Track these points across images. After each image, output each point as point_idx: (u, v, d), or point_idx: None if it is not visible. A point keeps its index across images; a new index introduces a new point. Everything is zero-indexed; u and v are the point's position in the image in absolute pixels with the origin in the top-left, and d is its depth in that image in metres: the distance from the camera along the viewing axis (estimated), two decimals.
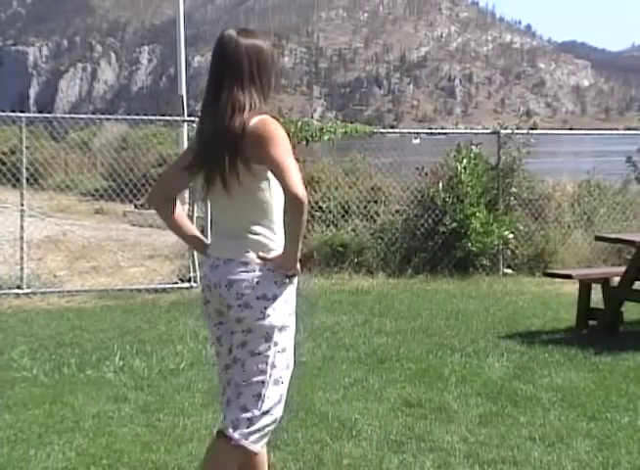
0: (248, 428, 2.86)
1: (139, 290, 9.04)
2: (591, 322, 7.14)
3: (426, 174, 11.08)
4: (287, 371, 2.95)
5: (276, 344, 2.90)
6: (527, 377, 5.60)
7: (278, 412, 2.93)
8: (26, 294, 8.90)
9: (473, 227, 10.25)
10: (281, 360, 2.91)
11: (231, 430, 2.86)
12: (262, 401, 2.87)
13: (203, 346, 6.30)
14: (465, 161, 10.58)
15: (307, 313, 7.97)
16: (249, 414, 2.87)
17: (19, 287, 8.99)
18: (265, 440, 2.95)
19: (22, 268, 9.05)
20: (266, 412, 2.88)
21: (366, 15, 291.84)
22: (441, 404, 4.96)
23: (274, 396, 2.89)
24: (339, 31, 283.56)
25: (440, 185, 10.62)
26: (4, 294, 8.83)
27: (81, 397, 5.14)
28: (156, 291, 9.14)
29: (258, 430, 2.88)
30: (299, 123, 10.58)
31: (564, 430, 4.50)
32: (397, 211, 10.92)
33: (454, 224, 10.39)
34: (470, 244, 10.26)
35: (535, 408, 4.90)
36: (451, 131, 23.63)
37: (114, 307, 8.29)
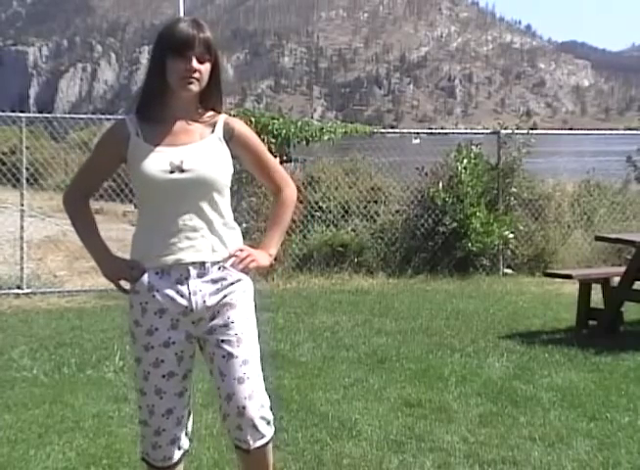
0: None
1: None
2: (591, 322, 7.14)
3: (426, 174, 11.09)
4: (145, 382, 2.88)
5: (132, 355, 2.94)
6: (527, 377, 5.60)
7: (155, 422, 2.91)
8: (26, 294, 8.91)
9: (473, 227, 10.26)
10: (137, 371, 2.90)
11: None
12: (139, 411, 2.96)
13: None
14: (465, 161, 10.59)
15: (307, 313, 7.98)
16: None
17: (19, 287, 8.99)
18: (148, 447, 2.97)
19: (22, 268, 9.06)
20: (141, 422, 2.95)
21: (366, 15, 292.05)
22: (441, 404, 4.96)
23: (141, 406, 2.93)
24: (339, 31, 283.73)
25: (440, 185, 10.62)
26: (4, 294, 8.83)
27: (81, 397, 5.14)
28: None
29: (142, 437, 2.98)
30: (299, 123, 10.58)
31: (564, 430, 4.50)
32: (397, 211, 10.92)
33: (454, 224, 10.40)
34: (470, 244, 10.26)
35: (535, 408, 4.90)
36: (451, 131, 23.67)
37: (114, 307, 8.29)
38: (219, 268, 2.81)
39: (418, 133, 15.19)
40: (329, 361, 6.00)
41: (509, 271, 10.62)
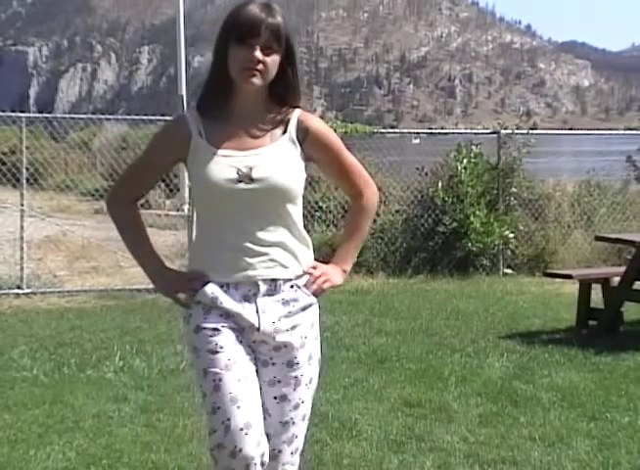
0: None
1: (139, 290, 9.03)
2: (591, 322, 7.14)
3: (426, 174, 11.09)
4: (217, 394, 2.43)
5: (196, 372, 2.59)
6: (527, 377, 5.60)
7: (230, 440, 2.42)
8: (26, 294, 8.90)
9: (473, 227, 10.26)
10: (205, 385, 2.50)
11: None
12: (209, 438, 2.51)
13: None
14: (465, 160, 10.59)
15: None
16: None
17: (19, 287, 8.99)
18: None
19: (22, 268, 9.06)
20: (213, 448, 2.47)
21: (366, 15, 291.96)
22: (441, 404, 4.96)
23: (215, 427, 2.46)
24: (339, 31, 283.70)
25: (440, 185, 10.62)
26: (4, 294, 8.83)
27: (81, 397, 5.14)
28: (156, 291, 9.12)
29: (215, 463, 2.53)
30: None
31: (564, 430, 4.50)
32: (397, 211, 10.92)
33: (454, 224, 10.40)
34: (470, 244, 10.26)
35: (535, 408, 4.90)
36: (451, 131, 23.65)
37: (114, 307, 8.29)
38: (291, 286, 2.51)
39: (418, 133, 15.21)
40: (329, 361, 5.98)
41: (509, 271, 10.61)
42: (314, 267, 2.57)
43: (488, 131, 11.73)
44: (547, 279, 9.06)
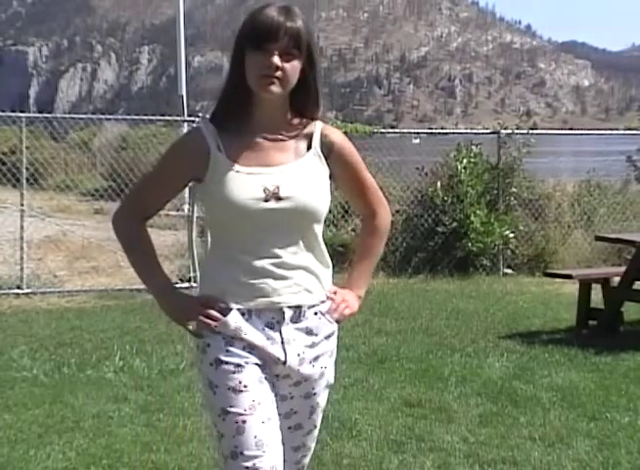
0: None
1: (139, 290, 9.02)
2: (591, 322, 7.14)
3: (426, 174, 11.10)
4: (240, 438, 2.23)
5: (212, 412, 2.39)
6: (527, 377, 5.60)
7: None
8: (26, 294, 8.91)
9: (473, 227, 10.26)
10: (225, 429, 2.29)
11: None
12: None
13: None
14: (465, 160, 10.59)
15: None
16: None
17: (19, 287, 8.99)
18: None
19: (22, 268, 9.06)
20: None
21: (366, 15, 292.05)
22: (441, 404, 4.96)
23: None
24: (339, 31, 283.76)
25: (439, 184, 10.62)
26: (4, 294, 8.83)
27: (81, 397, 5.14)
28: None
29: None
30: None
31: (564, 430, 4.50)
32: (397, 211, 10.91)
33: (454, 224, 10.40)
34: (470, 244, 10.26)
35: (535, 408, 4.90)
36: (451, 131, 23.63)
37: (114, 307, 8.29)
38: (315, 313, 2.35)
39: (418, 133, 15.22)
40: None
41: (509, 271, 10.61)
42: (334, 293, 2.43)
43: (488, 131, 11.74)
44: (547, 279, 9.06)
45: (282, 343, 2.30)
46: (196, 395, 5.14)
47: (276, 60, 2.20)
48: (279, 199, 2.24)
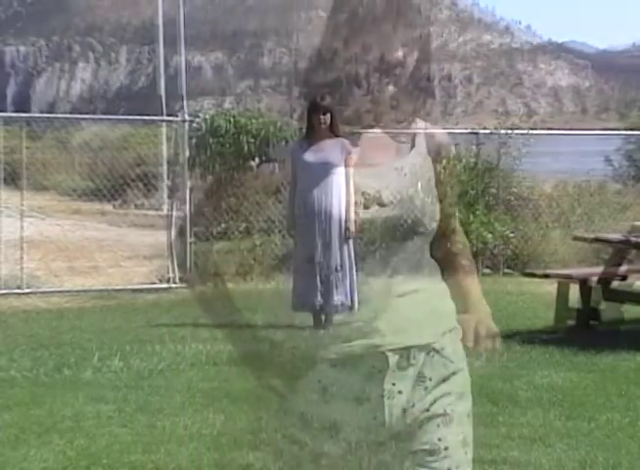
0: None
1: (139, 290, 9.04)
2: (592, 322, 7.15)
3: (405, 175, 11.07)
4: None
5: None
6: (527, 377, 5.59)
7: None
8: (26, 294, 8.90)
9: (473, 227, 10.24)
10: None
11: None
12: None
13: (203, 346, 6.28)
14: (444, 161, 10.56)
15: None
16: None
17: (19, 287, 8.99)
18: None
19: (22, 268, 9.06)
20: None
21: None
22: None
23: None
24: (318, 32, 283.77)
25: (419, 185, 10.58)
26: (4, 294, 8.83)
27: (81, 397, 5.13)
28: (156, 291, 9.13)
29: None
30: (279, 124, 10.59)
31: (564, 430, 4.50)
32: None
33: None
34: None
35: (535, 408, 4.90)
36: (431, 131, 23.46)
37: (114, 307, 8.29)
38: (428, 353, 1.83)
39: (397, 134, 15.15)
40: None
41: (509, 271, 10.60)
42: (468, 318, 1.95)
43: (467, 131, 11.56)
44: (547, 279, 9.04)
45: (382, 397, 1.82)
46: (196, 395, 5.13)
47: None
48: (382, 205, 1.89)
